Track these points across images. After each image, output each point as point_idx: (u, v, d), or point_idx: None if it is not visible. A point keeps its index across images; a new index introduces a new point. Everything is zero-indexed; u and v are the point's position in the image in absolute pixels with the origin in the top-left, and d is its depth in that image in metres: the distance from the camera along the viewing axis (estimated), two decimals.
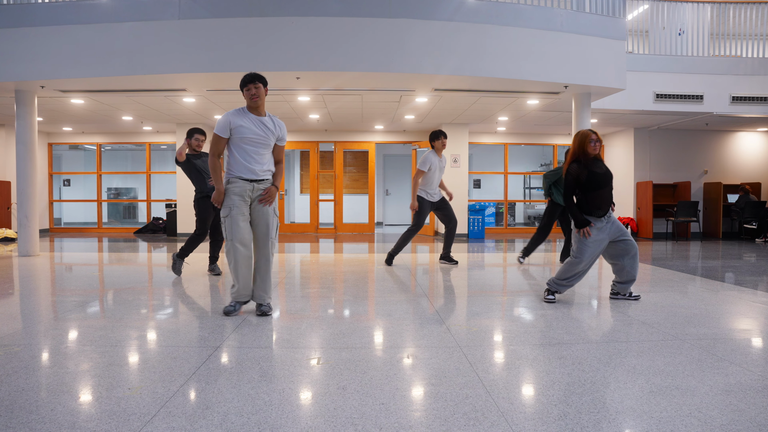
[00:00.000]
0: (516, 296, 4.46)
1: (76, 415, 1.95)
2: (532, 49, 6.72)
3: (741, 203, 10.38)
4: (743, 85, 8.96)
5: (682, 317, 3.62)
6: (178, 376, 2.38)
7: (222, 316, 3.59)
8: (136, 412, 1.96)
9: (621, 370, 2.49)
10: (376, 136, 11.97)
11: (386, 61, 6.41)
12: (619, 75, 7.15)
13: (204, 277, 5.40)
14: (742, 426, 1.88)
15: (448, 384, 2.30)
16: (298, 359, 2.65)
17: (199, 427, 1.85)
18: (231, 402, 2.08)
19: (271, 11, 6.33)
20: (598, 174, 3.89)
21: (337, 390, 2.22)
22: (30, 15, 6.61)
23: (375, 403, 2.07)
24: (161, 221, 11.79)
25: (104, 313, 3.73)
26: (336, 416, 1.95)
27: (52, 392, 2.18)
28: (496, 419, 1.93)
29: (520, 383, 2.33)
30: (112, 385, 2.26)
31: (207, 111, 9.28)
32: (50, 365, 2.54)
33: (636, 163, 11.09)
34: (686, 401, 2.10)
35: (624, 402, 2.10)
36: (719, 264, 6.78)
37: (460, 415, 1.97)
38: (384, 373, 2.44)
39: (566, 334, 3.16)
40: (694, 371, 2.47)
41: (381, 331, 3.26)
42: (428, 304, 4.06)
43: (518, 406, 2.06)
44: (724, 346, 2.92)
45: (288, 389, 2.23)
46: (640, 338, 3.08)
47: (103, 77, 6.57)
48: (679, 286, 4.93)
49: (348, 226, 12.12)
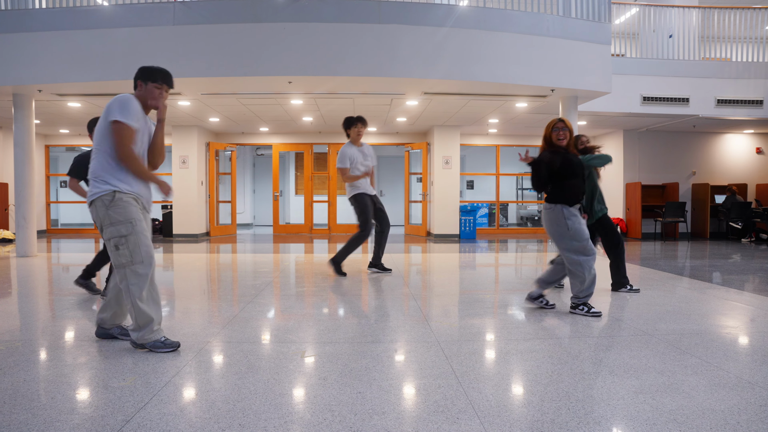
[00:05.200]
0: (502, 295, 4.62)
1: (75, 402, 2.10)
2: (520, 53, 6.89)
3: (728, 204, 10.58)
4: (728, 88, 9.16)
5: (657, 314, 3.78)
6: (170, 368, 2.53)
7: (216, 313, 3.74)
8: (130, 400, 2.12)
9: (588, 363, 2.65)
10: (370, 138, 12.12)
11: (377, 66, 6.57)
12: (604, 79, 7.33)
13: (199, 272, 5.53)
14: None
15: (423, 375, 2.46)
16: (284, 353, 2.80)
17: (188, 413, 2.01)
18: (218, 391, 2.23)
19: (264, 17, 6.48)
20: (573, 162, 3.70)
21: (318, 381, 2.38)
22: (28, 20, 6.75)
23: (352, 392, 2.23)
24: (156, 222, 11.92)
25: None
26: (315, 403, 2.11)
27: (51, 383, 2.33)
28: (464, 406, 2.09)
29: (491, 375, 2.49)
30: (108, 376, 2.41)
31: (202, 114, 9.42)
32: (49, 359, 2.69)
33: (625, 164, 11.28)
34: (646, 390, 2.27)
35: (587, 392, 2.26)
36: (706, 263, 6.96)
37: (431, 402, 2.13)
38: (363, 365, 2.60)
39: (541, 330, 3.32)
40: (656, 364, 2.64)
41: (365, 327, 3.41)
42: (413, 303, 4.22)
43: (486, 395, 2.22)
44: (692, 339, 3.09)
45: (272, 380, 2.38)
46: (611, 333, 3.24)
47: (100, 81, 6.72)
48: (665, 286, 5.10)
49: (342, 227, 12.28)
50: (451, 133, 10.84)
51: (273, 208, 12.29)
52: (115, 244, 2.68)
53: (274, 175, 12.15)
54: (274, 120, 10.20)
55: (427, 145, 11.52)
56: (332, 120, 10.12)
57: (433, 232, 11.09)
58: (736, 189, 10.74)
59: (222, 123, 10.53)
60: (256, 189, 15.31)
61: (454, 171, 10.88)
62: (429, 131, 11.42)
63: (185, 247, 8.96)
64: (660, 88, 9.04)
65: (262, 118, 10.03)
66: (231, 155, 12.11)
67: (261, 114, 9.53)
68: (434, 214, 11.05)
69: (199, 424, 1.91)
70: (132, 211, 2.72)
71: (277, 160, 12.15)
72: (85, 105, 8.38)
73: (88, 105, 8.36)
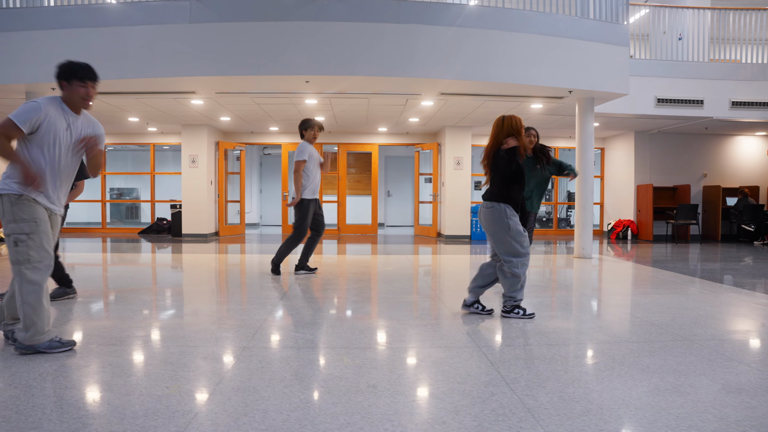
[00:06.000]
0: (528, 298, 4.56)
1: (122, 411, 2.03)
2: (538, 54, 6.84)
3: (740, 206, 10.54)
4: (743, 90, 9.11)
5: (691, 319, 3.73)
6: (212, 375, 2.47)
7: (241, 315, 3.68)
8: (178, 410, 2.05)
9: (636, 369, 2.59)
10: (380, 138, 12.07)
11: (395, 66, 6.52)
12: (622, 80, 7.27)
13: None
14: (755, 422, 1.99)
15: (473, 382, 2.39)
16: (325, 358, 2.74)
17: (242, 423, 1.95)
18: (268, 400, 2.17)
19: (281, 16, 6.42)
20: (524, 169, 3.69)
21: (368, 388, 2.31)
22: (42, 18, 6.68)
23: (406, 401, 2.17)
24: (165, 222, 11.85)
25: (126, 314, 3.81)
26: (371, 413, 2.05)
27: (92, 390, 2.27)
28: (523, 415, 2.03)
29: (542, 381, 2.43)
30: (148, 383, 2.34)
31: (214, 113, 9.36)
32: (82, 364, 2.63)
33: (636, 166, 11.23)
34: (700, 398, 2.21)
35: (642, 399, 2.20)
36: (721, 266, 6.90)
37: (488, 411, 2.07)
38: (409, 372, 2.54)
39: (580, 335, 3.27)
40: (705, 370, 2.58)
41: (398, 330, 3.35)
42: (442, 305, 4.16)
43: (542, 402, 2.16)
44: (732, 346, 3.03)
45: (321, 388, 2.32)
46: (650, 338, 3.19)
47: (114, 80, 6.65)
48: (689, 289, 5.05)
49: (351, 227, 12.21)
50: (463, 133, 10.78)
51: (282, 208, 12.22)
52: (15, 240, 2.62)
53: (283, 174, 12.08)
54: (286, 120, 10.14)
55: (437, 145, 11.46)
56: (343, 120, 10.07)
57: (443, 233, 11.03)
58: (748, 191, 10.69)
59: (232, 122, 10.46)
60: (263, 188, 15.25)
61: (465, 172, 10.82)
62: (440, 132, 11.36)
63: (197, 247, 8.89)
64: (674, 90, 8.99)
65: (273, 118, 9.97)
66: (240, 154, 12.04)
67: (273, 113, 9.47)
68: (445, 215, 10.99)
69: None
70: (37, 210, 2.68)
71: (286, 159, 12.08)
72: (98, 103, 8.31)
73: (101, 103, 8.28)
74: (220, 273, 6.15)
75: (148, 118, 9.97)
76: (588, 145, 7.68)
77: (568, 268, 6.60)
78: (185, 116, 9.71)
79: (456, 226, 10.83)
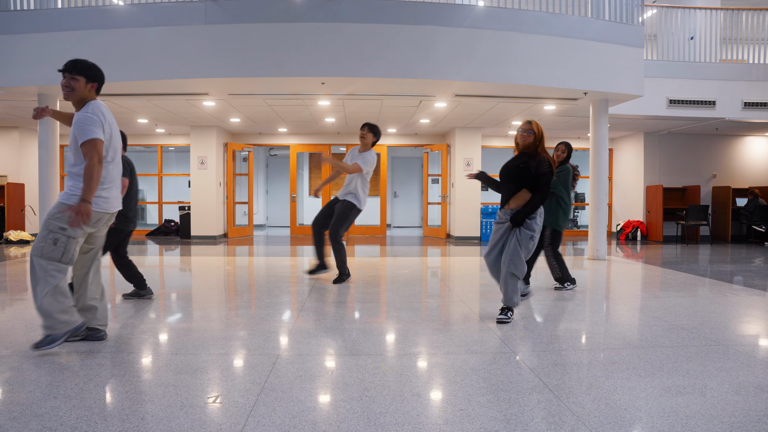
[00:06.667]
0: (553, 301, 4.53)
1: (168, 423, 2.00)
2: (552, 55, 6.81)
3: (750, 207, 10.50)
4: (755, 91, 9.07)
5: (718, 322, 3.69)
6: (251, 385, 2.43)
7: (274, 323, 3.65)
8: (225, 422, 2.02)
9: (677, 375, 2.56)
10: (388, 139, 12.03)
11: (411, 67, 6.49)
12: (637, 82, 7.24)
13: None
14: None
15: (517, 390, 2.36)
16: (362, 366, 2.71)
17: None
18: (315, 411, 2.14)
19: (297, 17, 6.39)
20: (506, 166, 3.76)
21: (412, 396, 2.28)
22: (54, 20, 6.65)
23: (454, 410, 2.14)
24: (173, 223, 11.82)
25: (151, 319, 3.77)
26: (420, 423, 2.02)
27: (133, 401, 2.24)
28: (575, 424, 2.00)
29: (586, 388, 2.40)
30: (189, 394, 2.31)
31: (224, 114, 9.33)
32: (118, 372, 2.60)
33: (646, 166, 11.20)
34: (750, 406, 2.18)
35: (690, 407, 2.17)
36: (735, 268, 6.87)
37: (538, 419, 2.04)
38: (450, 378, 2.51)
39: (611, 339, 3.24)
40: (747, 376, 2.55)
41: (431, 336, 3.32)
42: (466, 309, 4.13)
43: (590, 410, 2.13)
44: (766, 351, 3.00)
45: (365, 396, 2.29)
46: (683, 343, 3.15)
47: (129, 81, 6.62)
48: (703, 291, 5.01)
49: (360, 228, 12.18)
50: (473, 134, 10.74)
51: (290, 209, 12.19)
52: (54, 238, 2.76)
53: (292, 175, 12.05)
54: (296, 121, 10.11)
55: (447, 146, 11.42)
56: (354, 121, 10.03)
57: (453, 234, 11.00)
58: (758, 192, 10.66)
59: (241, 123, 10.43)
60: (269, 189, 15.21)
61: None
62: (449, 133, 11.33)
63: (207, 249, 8.86)
64: (686, 91, 8.95)
65: (284, 119, 9.93)
66: (248, 156, 12.01)
67: (285, 115, 9.44)
68: (454, 216, 10.96)
69: None
70: None
71: (294, 160, 12.05)
72: (110, 105, 8.28)
73: (112, 105, 8.25)
74: (232, 276, 6.12)
75: (157, 120, 9.94)
76: (602, 146, 7.66)
77: (583, 270, 6.57)
78: (195, 117, 9.68)
79: (466, 227, 10.79)
